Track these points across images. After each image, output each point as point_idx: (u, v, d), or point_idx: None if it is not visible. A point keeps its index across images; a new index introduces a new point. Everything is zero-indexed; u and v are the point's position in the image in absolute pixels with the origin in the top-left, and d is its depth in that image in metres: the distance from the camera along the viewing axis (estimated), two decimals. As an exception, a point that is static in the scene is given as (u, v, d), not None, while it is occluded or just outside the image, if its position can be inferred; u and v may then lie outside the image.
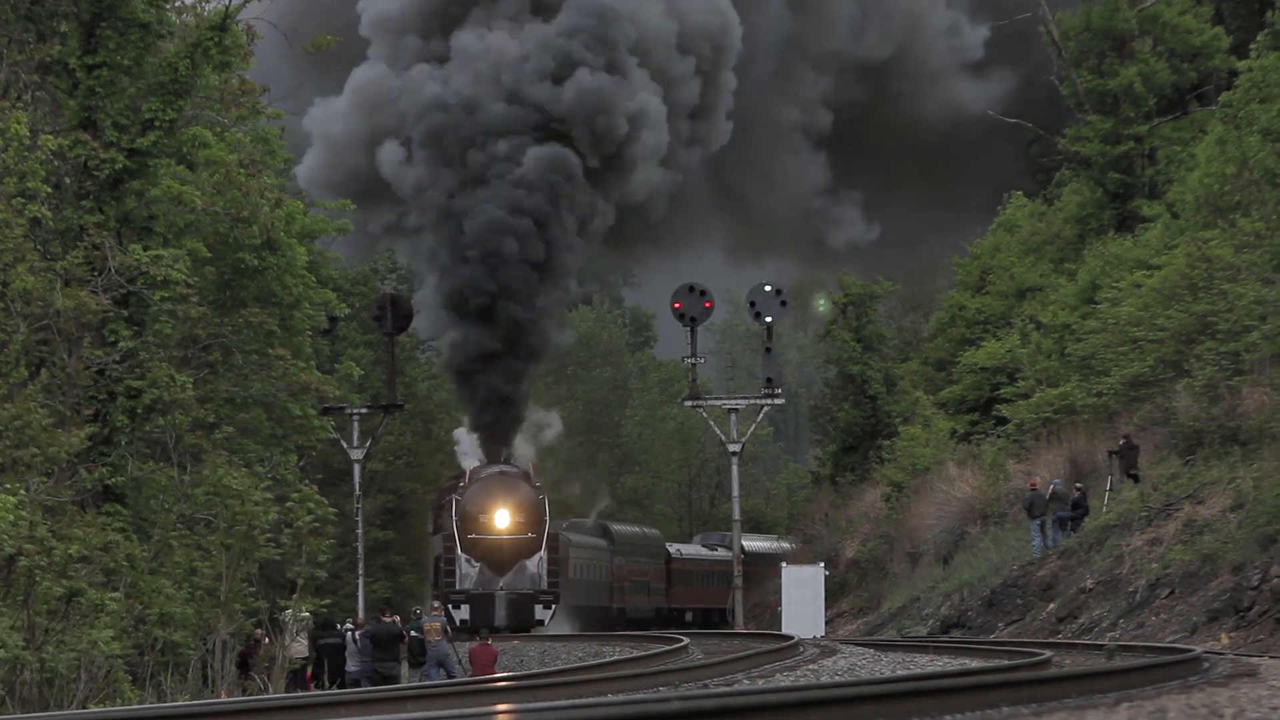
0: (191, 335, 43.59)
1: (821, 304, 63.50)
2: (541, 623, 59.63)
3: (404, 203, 64.48)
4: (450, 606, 57.69)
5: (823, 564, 58.67)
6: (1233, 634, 37.52)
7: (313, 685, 40.29)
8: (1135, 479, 48.94)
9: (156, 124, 39.40)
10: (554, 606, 60.35)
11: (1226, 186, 52.44)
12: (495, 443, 63.03)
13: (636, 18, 64.31)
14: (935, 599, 54.64)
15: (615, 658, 36.35)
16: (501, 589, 59.88)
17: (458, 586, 59.69)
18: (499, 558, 59.95)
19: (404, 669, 41.14)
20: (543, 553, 60.12)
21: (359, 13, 66.03)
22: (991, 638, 44.66)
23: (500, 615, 59.24)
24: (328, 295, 52.95)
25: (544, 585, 60.04)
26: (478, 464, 62.68)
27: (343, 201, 58.95)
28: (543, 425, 71.89)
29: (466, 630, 55.23)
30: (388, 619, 42.17)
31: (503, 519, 60.17)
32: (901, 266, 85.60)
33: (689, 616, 77.71)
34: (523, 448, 66.42)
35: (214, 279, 46.66)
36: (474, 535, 60.10)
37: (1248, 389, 46.95)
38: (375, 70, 65.08)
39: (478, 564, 59.93)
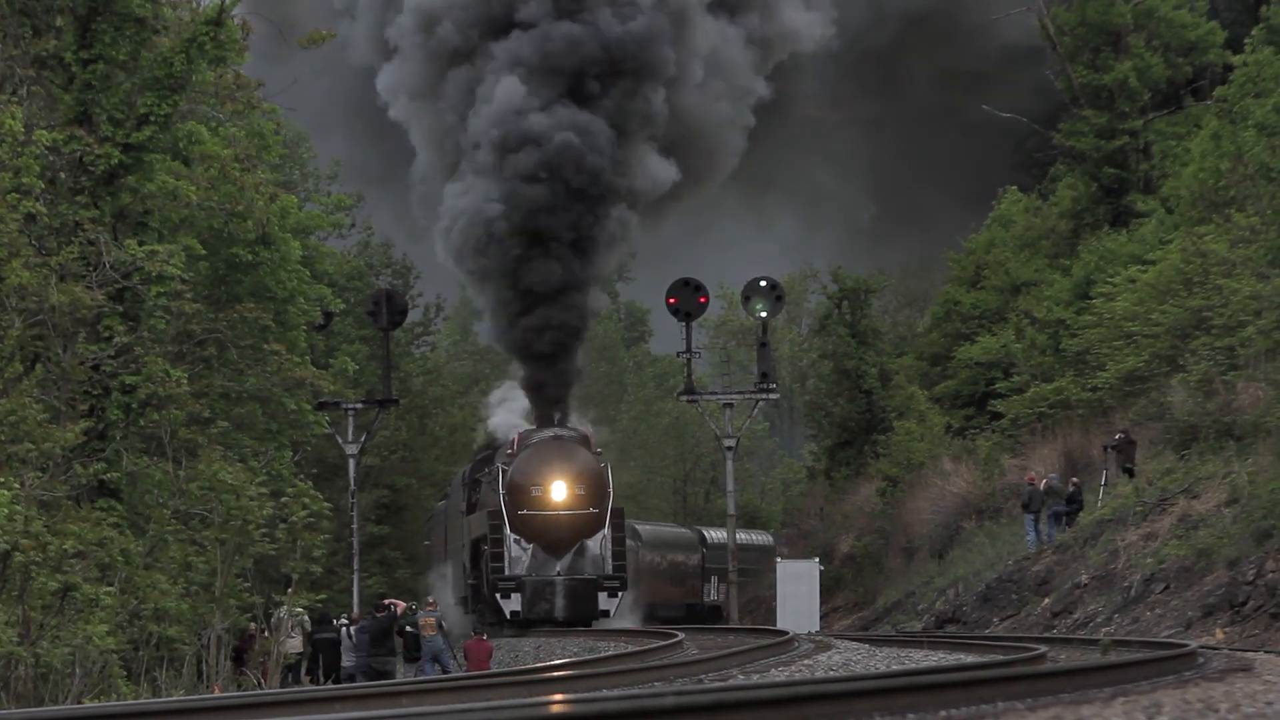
0: (186, 330, 43.51)
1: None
2: (606, 613, 51.27)
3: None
4: (498, 596, 51.13)
5: (818, 559, 58.68)
6: (1228, 629, 37.57)
7: (308, 680, 40.31)
8: (1131, 474, 48.98)
9: (152, 119, 39.34)
10: (620, 594, 51.69)
11: (1221, 181, 52.54)
12: (549, 399, 54.94)
13: None
14: (930, 594, 54.71)
15: (610, 653, 36.34)
16: (559, 574, 51.43)
17: (507, 572, 51.19)
18: (555, 538, 51.45)
19: (399, 665, 41.12)
20: (606, 531, 51.54)
21: None
22: (986, 633, 44.68)
23: (559, 605, 51.16)
24: (323, 290, 52.85)
25: (608, 569, 51.37)
26: (528, 428, 54.82)
27: (339, 197, 58.82)
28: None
29: (516, 623, 50.10)
30: (384, 605, 41.95)
31: (560, 492, 51.55)
32: (901, 247, 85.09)
33: None
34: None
35: (208, 274, 46.60)
36: (526, 511, 51.41)
37: (1243, 384, 46.99)
38: None
39: (529, 545, 51.36)
